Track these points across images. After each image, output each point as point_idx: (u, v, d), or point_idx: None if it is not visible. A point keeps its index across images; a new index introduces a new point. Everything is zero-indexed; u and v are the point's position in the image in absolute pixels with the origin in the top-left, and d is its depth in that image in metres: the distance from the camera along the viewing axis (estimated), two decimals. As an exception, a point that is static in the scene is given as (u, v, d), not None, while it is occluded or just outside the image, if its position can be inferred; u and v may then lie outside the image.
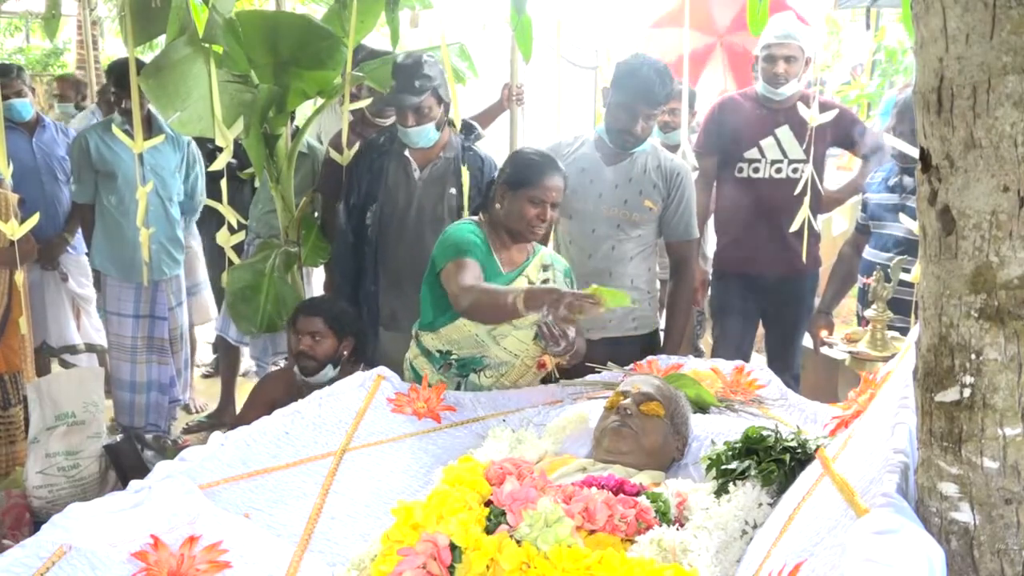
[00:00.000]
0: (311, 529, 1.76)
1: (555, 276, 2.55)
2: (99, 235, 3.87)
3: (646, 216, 2.82)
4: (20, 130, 4.11)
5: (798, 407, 2.33)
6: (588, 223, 2.84)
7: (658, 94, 2.70)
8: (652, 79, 2.68)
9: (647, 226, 2.84)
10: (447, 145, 3.05)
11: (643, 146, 2.83)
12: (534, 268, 2.52)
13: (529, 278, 2.49)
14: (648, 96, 2.69)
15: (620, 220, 2.81)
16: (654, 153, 2.86)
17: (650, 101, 2.70)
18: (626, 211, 2.81)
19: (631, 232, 2.83)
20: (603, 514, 1.58)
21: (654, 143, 2.92)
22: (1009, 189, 1.04)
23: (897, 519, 1.12)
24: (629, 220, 2.81)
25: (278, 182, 3.18)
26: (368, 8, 3.04)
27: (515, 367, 2.50)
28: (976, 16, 1.03)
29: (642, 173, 2.82)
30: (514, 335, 2.43)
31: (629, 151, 2.82)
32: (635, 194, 2.80)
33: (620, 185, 2.81)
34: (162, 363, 4.02)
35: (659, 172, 2.82)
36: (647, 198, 2.80)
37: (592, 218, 2.83)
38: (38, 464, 3.18)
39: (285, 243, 3.23)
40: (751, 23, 2.82)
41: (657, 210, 2.82)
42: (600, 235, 2.83)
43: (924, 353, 1.18)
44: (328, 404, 2.19)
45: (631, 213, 2.81)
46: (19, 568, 1.41)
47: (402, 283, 3.00)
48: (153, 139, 3.20)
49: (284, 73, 3.04)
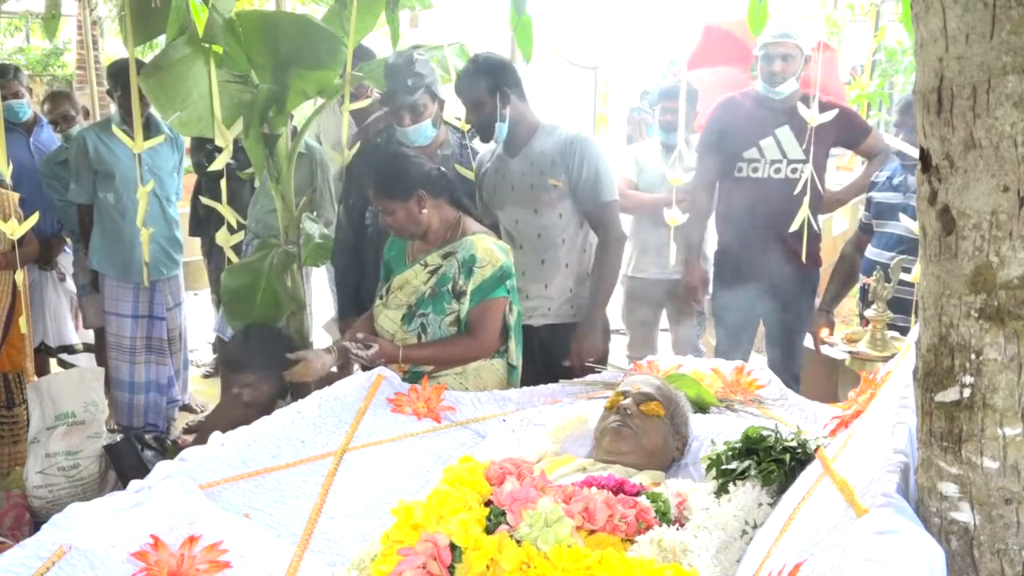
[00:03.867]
0: (311, 529, 1.76)
1: (450, 264, 2.58)
2: (97, 235, 3.87)
3: (555, 194, 2.86)
4: (18, 130, 4.12)
5: (798, 407, 2.34)
6: (511, 216, 2.96)
7: (460, 84, 2.88)
8: (461, 75, 2.89)
9: (561, 204, 2.89)
10: (444, 142, 3.05)
11: (541, 130, 2.90)
12: (434, 257, 2.61)
13: (427, 263, 2.61)
14: (458, 92, 2.90)
15: (534, 204, 2.89)
16: (551, 132, 2.91)
17: (460, 95, 2.89)
18: (534, 194, 2.88)
19: (549, 215, 2.89)
20: (603, 514, 1.58)
21: (553, 123, 2.98)
22: (1009, 189, 1.04)
23: (897, 519, 1.12)
24: (540, 202, 2.88)
25: (278, 182, 3.18)
26: (368, 8, 3.04)
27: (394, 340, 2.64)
28: (976, 16, 1.03)
29: (539, 154, 2.88)
30: (385, 313, 2.65)
31: (517, 143, 2.90)
32: (538, 175, 2.88)
33: (524, 172, 2.90)
34: (160, 363, 4.02)
35: (555, 148, 2.86)
36: (549, 176, 2.86)
37: (512, 211, 2.95)
38: (38, 464, 3.18)
39: (285, 243, 3.22)
40: (751, 23, 2.81)
41: (563, 185, 2.85)
42: (523, 224, 2.94)
43: (924, 353, 1.18)
44: (328, 404, 2.20)
45: (539, 194, 2.88)
46: (19, 568, 1.41)
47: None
48: (152, 139, 3.20)
49: (284, 73, 3.03)
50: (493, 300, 2.56)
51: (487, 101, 2.83)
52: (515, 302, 2.66)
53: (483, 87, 2.83)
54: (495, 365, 2.66)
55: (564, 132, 2.91)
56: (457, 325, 2.57)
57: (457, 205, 2.69)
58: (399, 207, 2.58)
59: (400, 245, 2.73)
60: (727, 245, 3.55)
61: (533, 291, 2.95)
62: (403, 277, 2.65)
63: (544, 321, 2.96)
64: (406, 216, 2.59)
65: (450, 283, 2.56)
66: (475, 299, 2.54)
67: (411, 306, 2.61)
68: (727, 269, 3.55)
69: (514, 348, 2.69)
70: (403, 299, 2.63)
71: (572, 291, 2.95)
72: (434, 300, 2.58)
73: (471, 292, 2.54)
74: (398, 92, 2.88)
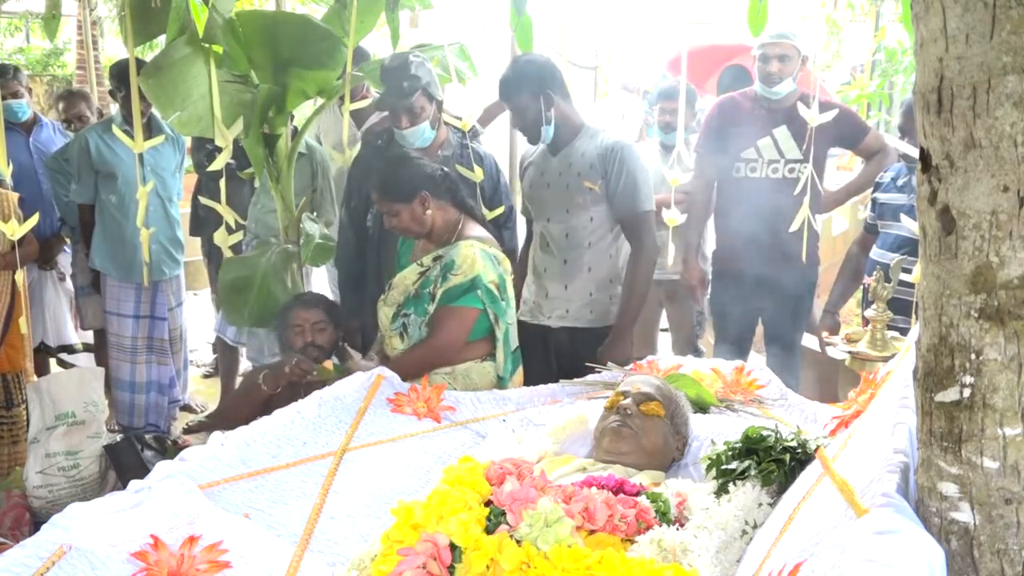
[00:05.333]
0: (311, 529, 1.76)
1: (434, 267, 2.59)
2: (100, 235, 3.86)
3: (589, 198, 2.86)
4: (17, 130, 4.11)
5: (798, 407, 2.34)
6: (543, 214, 2.99)
7: (502, 90, 2.88)
8: (503, 80, 2.87)
9: (595, 208, 2.88)
10: (444, 143, 3.05)
11: (584, 132, 2.90)
12: (427, 258, 2.63)
13: (422, 264, 2.63)
14: (502, 97, 2.91)
15: (567, 205, 2.90)
16: (594, 135, 2.91)
17: (503, 97, 2.90)
18: (568, 195, 2.88)
19: (580, 217, 2.89)
20: (603, 514, 1.58)
21: (597, 127, 2.98)
22: (1009, 189, 1.04)
23: (897, 519, 1.12)
24: (573, 203, 2.88)
25: (278, 182, 3.18)
26: (368, 8, 3.04)
27: (385, 338, 2.73)
28: (976, 16, 1.03)
29: (580, 157, 2.88)
30: (383, 310, 2.69)
31: (560, 143, 2.90)
32: (575, 177, 2.87)
33: (563, 172, 2.90)
34: (162, 363, 4.02)
35: (596, 152, 2.86)
36: (586, 179, 2.85)
37: (545, 208, 2.97)
38: (38, 464, 3.18)
39: (284, 243, 3.22)
40: (751, 23, 2.81)
41: (600, 190, 2.85)
42: (553, 223, 2.95)
43: (924, 353, 1.18)
44: (328, 404, 2.20)
45: (573, 196, 2.87)
46: (19, 568, 1.41)
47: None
48: (153, 139, 3.20)
49: (284, 73, 3.03)
50: (458, 308, 2.55)
51: (530, 105, 2.81)
52: (500, 315, 2.63)
53: (525, 91, 2.81)
54: (485, 367, 2.66)
55: (606, 137, 2.89)
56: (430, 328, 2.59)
57: (460, 206, 2.69)
58: (403, 208, 2.58)
59: (413, 242, 2.75)
60: (726, 245, 3.55)
61: (552, 290, 2.96)
62: (401, 275, 2.66)
63: (562, 323, 2.96)
64: (410, 217, 2.59)
65: (431, 286, 2.57)
66: (440, 303, 2.55)
67: (399, 304, 2.64)
68: (726, 269, 3.55)
69: (502, 360, 2.67)
70: (397, 297, 2.65)
71: (592, 295, 2.93)
72: (416, 301, 2.60)
73: (439, 296, 2.55)
74: (395, 95, 2.87)
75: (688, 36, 5.76)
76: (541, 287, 2.99)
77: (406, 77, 2.85)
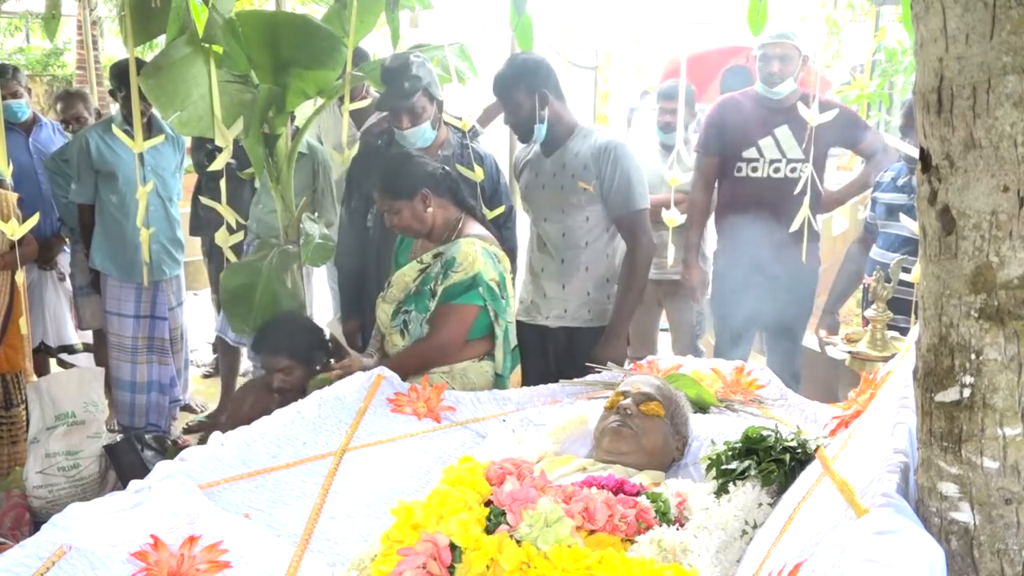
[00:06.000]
0: (311, 529, 1.76)
1: (434, 264, 2.60)
2: (100, 235, 3.87)
3: (584, 198, 2.86)
4: (17, 130, 4.11)
5: (798, 407, 2.34)
6: (540, 214, 2.99)
7: (497, 86, 2.86)
8: (499, 77, 2.86)
9: (590, 208, 2.88)
10: (445, 143, 3.05)
11: (577, 132, 2.90)
12: (428, 256, 2.64)
13: (422, 261, 2.64)
14: (495, 94, 2.89)
15: (562, 205, 2.90)
16: (587, 135, 2.91)
17: (497, 93, 2.88)
18: (563, 195, 2.89)
19: (575, 217, 2.89)
20: (603, 514, 1.58)
21: (591, 127, 2.99)
22: (1009, 189, 1.04)
23: (897, 519, 1.12)
24: (568, 203, 2.88)
25: (278, 182, 3.18)
26: (368, 8, 3.04)
27: (383, 334, 2.74)
28: (976, 16, 1.03)
29: (574, 157, 2.88)
30: (382, 307, 2.70)
31: (553, 143, 2.90)
32: (569, 177, 2.88)
33: (557, 173, 2.91)
34: (162, 363, 4.02)
35: (589, 152, 2.86)
36: (580, 179, 2.85)
37: (541, 209, 2.98)
38: (38, 464, 3.18)
39: (284, 243, 3.22)
40: (751, 23, 2.81)
41: (594, 189, 2.85)
42: (549, 223, 2.95)
43: (924, 353, 1.18)
44: (328, 404, 2.20)
45: (568, 196, 2.88)
46: (19, 568, 1.41)
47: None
48: (153, 139, 3.20)
49: (284, 73, 3.03)
50: (458, 305, 2.55)
51: (524, 103, 2.81)
52: (500, 312, 2.63)
53: (520, 89, 2.81)
54: (483, 367, 2.66)
55: (599, 137, 2.89)
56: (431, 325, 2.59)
57: (460, 205, 2.69)
58: (404, 206, 2.58)
59: (411, 241, 2.75)
60: (726, 245, 3.55)
61: (550, 290, 2.96)
62: (401, 272, 2.66)
63: (560, 323, 2.96)
64: (411, 215, 2.59)
65: (432, 283, 2.57)
66: (440, 300, 2.56)
67: (400, 302, 2.64)
68: (726, 269, 3.55)
69: (501, 357, 2.67)
70: (396, 294, 2.66)
71: (590, 295, 2.93)
72: (417, 298, 2.60)
73: (440, 293, 2.55)
74: (396, 95, 2.87)
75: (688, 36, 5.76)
76: (538, 287, 3.00)
77: (407, 77, 2.85)
